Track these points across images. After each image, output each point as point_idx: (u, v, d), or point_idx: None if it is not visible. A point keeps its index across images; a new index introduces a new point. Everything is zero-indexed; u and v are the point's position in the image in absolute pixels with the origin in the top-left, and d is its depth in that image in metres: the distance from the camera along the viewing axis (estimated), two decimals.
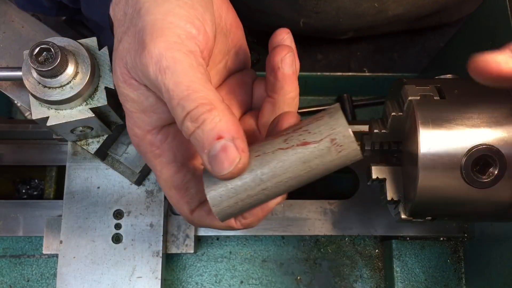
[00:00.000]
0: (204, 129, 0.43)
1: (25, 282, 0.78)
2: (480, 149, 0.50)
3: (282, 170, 0.45)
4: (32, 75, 0.56)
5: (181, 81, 0.43)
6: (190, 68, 0.44)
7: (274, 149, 0.45)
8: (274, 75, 0.50)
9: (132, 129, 0.51)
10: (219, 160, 0.43)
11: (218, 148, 0.42)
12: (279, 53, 0.49)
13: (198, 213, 0.53)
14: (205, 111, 0.43)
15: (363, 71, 0.94)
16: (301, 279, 0.80)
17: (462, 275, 0.78)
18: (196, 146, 0.44)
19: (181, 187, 0.52)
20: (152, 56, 0.44)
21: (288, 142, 0.45)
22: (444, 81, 0.56)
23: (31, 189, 0.90)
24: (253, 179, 0.45)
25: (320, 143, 0.44)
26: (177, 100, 0.43)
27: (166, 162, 0.52)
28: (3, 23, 0.65)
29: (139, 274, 0.68)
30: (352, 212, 0.77)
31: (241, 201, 0.46)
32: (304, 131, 0.45)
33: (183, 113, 0.43)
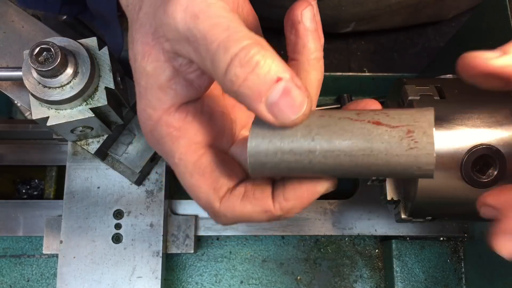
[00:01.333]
0: (259, 72, 0.37)
1: (25, 282, 0.78)
2: (480, 149, 0.49)
3: (340, 138, 0.39)
4: (32, 75, 0.56)
5: (218, 22, 0.38)
6: (224, 10, 0.39)
7: (342, 116, 0.40)
8: (296, 32, 0.44)
9: (145, 111, 0.45)
10: (284, 105, 0.37)
11: (280, 90, 0.37)
12: (298, 7, 0.44)
13: (228, 200, 0.45)
14: (256, 51, 0.37)
15: (363, 71, 0.94)
16: (301, 279, 0.80)
17: (462, 275, 0.78)
18: (246, 97, 0.38)
19: (206, 172, 0.45)
20: (180, 2, 0.39)
21: (360, 115, 0.39)
22: (444, 81, 0.56)
23: (31, 189, 0.90)
24: (304, 134, 0.39)
25: (394, 129, 0.38)
26: (216, 43, 0.37)
27: (186, 144, 0.45)
28: (3, 23, 0.65)
29: (139, 274, 0.68)
30: (352, 212, 0.77)
31: (281, 153, 0.40)
32: (383, 113, 0.39)
33: (227, 57, 0.37)
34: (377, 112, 0.40)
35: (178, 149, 0.45)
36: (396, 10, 0.85)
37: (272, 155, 0.40)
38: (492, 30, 0.63)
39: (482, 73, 0.42)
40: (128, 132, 0.69)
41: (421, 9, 0.88)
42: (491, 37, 0.63)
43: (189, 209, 0.77)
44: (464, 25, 0.72)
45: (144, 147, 0.68)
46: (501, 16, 0.60)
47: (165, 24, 0.40)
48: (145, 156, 0.68)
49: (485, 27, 0.65)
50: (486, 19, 0.65)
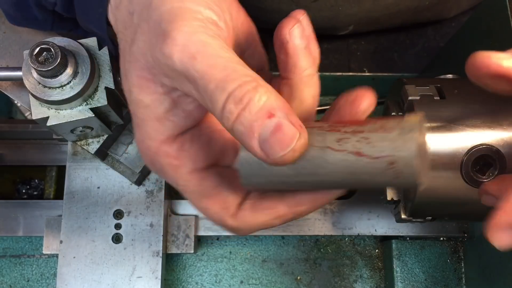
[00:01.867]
0: (251, 109, 0.37)
1: (25, 282, 0.78)
2: (480, 149, 0.49)
3: (325, 171, 0.39)
4: (32, 75, 0.56)
5: (215, 63, 0.38)
6: (222, 50, 0.39)
7: (324, 146, 0.39)
8: (285, 51, 0.44)
9: (144, 142, 0.45)
10: (275, 141, 0.36)
11: (272, 127, 0.36)
12: (285, 26, 0.43)
13: (239, 216, 0.46)
14: (250, 89, 0.37)
15: (363, 71, 0.94)
16: (301, 279, 0.80)
17: (462, 275, 0.78)
18: (241, 135, 0.38)
19: (213, 194, 0.46)
20: (176, 43, 0.39)
21: (342, 144, 0.39)
22: (444, 81, 0.56)
23: (31, 189, 0.90)
24: (290, 167, 0.39)
25: (376, 160, 0.38)
26: (214, 84, 0.38)
27: (187, 172, 0.45)
28: (3, 23, 0.65)
29: (139, 274, 0.68)
30: (352, 212, 0.77)
31: (271, 183, 0.41)
32: (364, 138, 0.38)
33: (223, 95, 0.37)
34: (358, 137, 0.38)
35: (180, 177, 0.46)
36: (394, 13, 0.85)
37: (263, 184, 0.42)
38: (492, 30, 0.63)
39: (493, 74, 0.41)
40: (128, 132, 0.69)
41: (420, 12, 0.87)
42: (491, 37, 0.63)
43: (189, 209, 0.76)
44: (464, 25, 0.72)
45: None
46: (501, 16, 0.60)
47: (163, 64, 0.41)
48: None
49: (485, 27, 0.65)
50: (486, 19, 0.65)
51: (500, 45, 0.62)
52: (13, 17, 0.61)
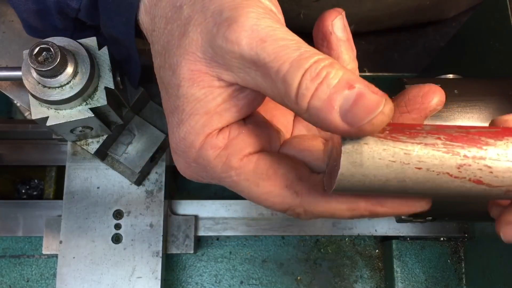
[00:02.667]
0: (330, 82, 0.36)
1: (24, 282, 0.78)
2: None
3: (435, 192, 0.39)
4: (32, 75, 0.56)
5: (288, 44, 0.38)
6: (289, 33, 0.39)
7: (442, 171, 0.37)
8: (328, 44, 0.43)
9: (186, 140, 0.43)
10: (359, 108, 0.35)
11: (354, 96, 0.35)
12: (328, 17, 0.43)
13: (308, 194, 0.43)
14: (326, 65, 0.36)
15: (363, 71, 0.94)
16: (301, 279, 0.80)
17: (463, 275, 0.78)
18: (318, 112, 0.36)
19: (271, 174, 0.43)
20: (244, 28, 0.38)
21: (462, 171, 0.37)
22: (444, 81, 0.56)
23: (30, 189, 0.90)
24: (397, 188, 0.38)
25: (494, 189, 0.38)
26: (289, 62, 0.37)
27: (238, 159, 0.43)
28: (3, 23, 0.65)
29: (139, 274, 0.67)
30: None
31: (370, 185, 0.39)
32: (487, 167, 0.37)
33: (299, 73, 0.36)
34: (481, 164, 0.37)
35: (232, 166, 0.43)
36: (395, 13, 0.85)
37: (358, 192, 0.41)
38: (492, 30, 0.63)
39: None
40: (128, 132, 0.69)
41: (421, 12, 0.87)
42: (491, 37, 0.63)
43: (189, 209, 0.76)
44: (464, 25, 0.72)
45: (144, 147, 0.68)
46: (501, 16, 0.60)
47: (227, 52, 0.39)
48: (145, 156, 0.68)
49: (485, 27, 0.65)
50: (486, 19, 0.64)
51: (500, 45, 0.62)
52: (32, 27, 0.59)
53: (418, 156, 0.37)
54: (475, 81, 0.56)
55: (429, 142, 0.37)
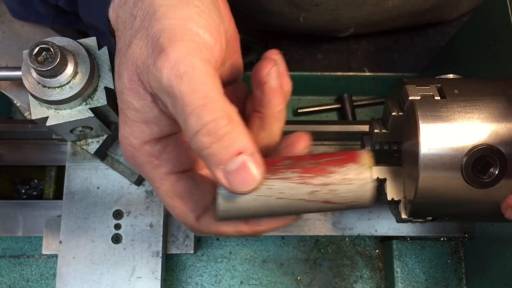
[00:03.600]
0: (222, 144, 0.41)
1: (24, 283, 0.78)
2: (481, 149, 0.49)
3: (294, 212, 0.50)
4: (32, 75, 0.56)
5: (198, 89, 0.41)
6: (208, 77, 0.42)
7: (298, 198, 0.47)
8: (261, 90, 0.49)
9: (128, 139, 0.49)
10: (239, 177, 0.42)
11: (238, 164, 0.42)
12: (264, 67, 0.49)
13: (204, 219, 0.52)
14: (224, 124, 0.41)
15: (363, 71, 0.94)
16: (301, 279, 0.80)
17: (463, 275, 0.78)
18: (208, 161, 0.42)
19: (184, 195, 0.51)
20: (169, 59, 0.42)
21: (313, 196, 0.47)
22: (445, 80, 0.56)
23: (30, 189, 0.90)
24: (266, 211, 0.48)
25: (341, 205, 0.48)
26: (191, 108, 0.41)
27: (166, 172, 0.50)
28: (3, 23, 0.65)
29: (139, 274, 0.67)
30: (352, 212, 0.77)
31: (244, 214, 0.49)
32: (332, 191, 0.47)
33: (197, 124, 0.41)
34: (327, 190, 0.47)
35: (158, 175, 0.50)
36: (395, 16, 0.85)
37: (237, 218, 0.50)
38: (492, 30, 0.63)
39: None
40: None
41: (421, 15, 0.87)
42: (491, 37, 0.63)
43: None
44: (464, 25, 0.72)
45: None
46: (501, 16, 0.60)
47: (151, 74, 0.43)
48: None
49: (486, 27, 0.65)
50: (487, 19, 0.64)
51: (500, 45, 0.62)
52: (16, 11, 0.63)
53: (278, 189, 0.47)
54: (475, 81, 0.56)
55: (286, 177, 0.47)
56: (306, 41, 0.94)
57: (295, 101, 0.95)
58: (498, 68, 0.63)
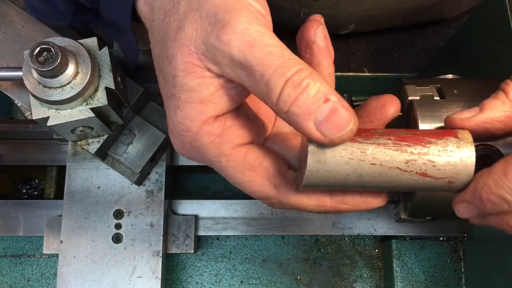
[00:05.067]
0: (309, 92, 0.41)
1: (25, 282, 0.78)
2: (480, 149, 0.49)
3: (388, 185, 0.45)
4: (33, 75, 0.56)
5: (273, 51, 0.42)
6: (276, 39, 0.43)
7: (393, 166, 0.44)
8: (310, 51, 0.49)
9: (183, 124, 0.47)
10: (331, 123, 0.41)
11: (328, 110, 0.41)
12: (311, 27, 0.49)
13: (284, 189, 0.50)
14: (306, 75, 0.41)
15: (363, 71, 0.94)
16: (301, 279, 0.80)
17: (462, 275, 0.78)
18: (297, 117, 0.42)
19: (256, 166, 0.49)
20: (236, 31, 0.42)
21: (409, 166, 0.44)
22: (444, 81, 0.56)
23: (31, 189, 0.90)
24: (356, 182, 0.45)
25: (438, 180, 0.45)
26: (273, 69, 0.41)
27: (230, 147, 0.48)
28: (4, 23, 0.65)
29: (139, 274, 0.68)
30: (352, 212, 0.77)
31: (333, 187, 0.46)
32: (430, 161, 0.44)
33: (282, 80, 0.41)
34: (425, 159, 0.44)
35: (223, 153, 0.48)
36: (395, 12, 0.85)
37: (324, 188, 0.47)
38: (492, 30, 0.63)
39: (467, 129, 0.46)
40: (128, 132, 0.69)
41: (421, 12, 0.87)
42: (491, 37, 0.63)
43: (189, 209, 0.77)
44: (464, 25, 0.72)
45: (144, 147, 0.68)
46: (501, 16, 0.60)
47: (218, 51, 0.43)
48: (145, 156, 0.68)
49: (485, 27, 0.65)
50: (486, 19, 0.65)
51: (500, 45, 0.62)
52: (36, 9, 0.63)
53: (372, 154, 0.44)
54: (474, 81, 0.56)
55: (381, 142, 0.44)
56: None
57: None
58: (498, 68, 0.63)
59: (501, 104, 0.46)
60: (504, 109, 0.46)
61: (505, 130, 0.47)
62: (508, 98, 0.47)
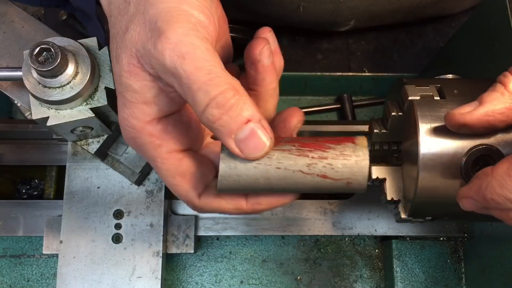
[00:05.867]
0: (231, 114, 0.44)
1: (25, 282, 0.78)
2: (480, 149, 0.49)
3: (294, 188, 0.50)
4: (32, 75, 0.56)
5: (202, 66, 0.43)
6: (209, 54, 0.44)
7: (296, 170, 0.49)
8: (255, 68, 0.52)
9: (128, 121, 0.50)
10: (250, 144, 0.45)
11: (247, 132, 0.44)
12: (257, 46, 0.51)
13: (205, 196, 0.53)
14: (231, 96, 0.43)
15: (363, 71, 0.94)
16: (301, 279, 0.80)
17: (462, 275, 0.78)
18: (219, 132, 0.45)
19: (186, 173, 0.52)
20: (169, 42, 0.44)
21: (311, 169, 0.49)
22: (444, 81, 0.56)
23: (31, 189, 0.90)
24: (265, 184, 0.49)
25: (337, 181, 0.49)
26: (198, 85, 0.43)
27: (167, 151, 0.51)
28: (3, 23, 0.65)
29: (139, 274, 0.68)
30: (352, 212, 0.77)
31: (244, 189, 0.50)
32: (329, 164, 0.49)
33: (206, 98, 0.43)
34: (324, 163, 0.49)
35: (160, 155, 0.51)
36: (396, 8, 0.85)
37: (237, 191, 0.51)
38: (492, 30, 0.63)
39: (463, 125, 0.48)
40: None
41: (422, 9, 0.87)
42: (491, 37, 0.63)
43: (189, 209, 0.76)
44: (464, 25, 0.72)
45: None
46: (501, 16, 0.60)
47: (153, 57, 0.45)
48: None
49: (485, 27, 0.65)
50: (486, 19, 0.65)
51: (500, 45, 0.62)
52: None
53: (277, 159, 0.48)
54: (474, 81, 0.56)
55: (286, 149, 0.49)
56: (306, 41, 0.94)
57: (295, 101, 0.95)
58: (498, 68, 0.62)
59: (501, 96, 0.47)
60: (504, 100, 0.46)
61: (506, 122, 0.47)
62: (507, 90, 0.47)
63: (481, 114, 0.47)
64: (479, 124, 0.47)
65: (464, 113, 0.47)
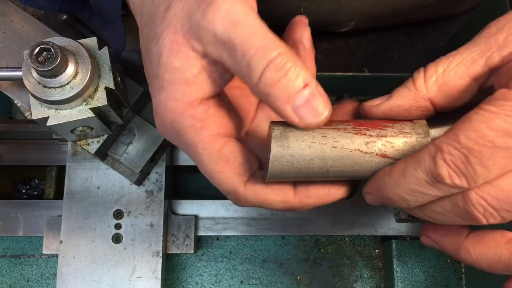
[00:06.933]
0: (290, 77, 0.42)
1: (25, 282, 0.78)
2: None
3: (351, 169, 0.47)
4: (32, 75, 0.56)
5: (256, 31, 0.43)
6: (259, 21, 0.43)
7: (353, 148, 0.46)
8: (296, 50, 0.51)
9: (167, 104, 0.47)
10: (309, 109, 0.43)
11: (306, 96, 0.42)
12: (298, 28, 0.50)
13: (251, 185, 0.50)
14: (288, 59, 0.42)
15: (363, 71, 0.94)
16: (301, 279, 0.80)
17: (462, 275, 0.78)
18: (277, 99, 0.43)
19: (230, 159, 0.49)
20: (220, 10, 0.43)
21: (369, 147, 0.46)
22: None
23: (31, 189, 0.90)
24: (320, 166, 0.46)
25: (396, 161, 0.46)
26: (255, 49, 0.42)
27: (210, 135, 0.48)
28: (3, 23, 0.65)
29: (139, 274, 0.68)
30: (352, 212, 0.77)
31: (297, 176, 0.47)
32: (388, 142, 0.46)
33: (264, 61, 0.42)
34: (383, 141, 0.46)
35: (202, 139, 0.48)
36: (397, 9, 0.85)
37: (289, 176, 0.47)
38: None
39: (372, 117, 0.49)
40: (128, 132, 0.69)
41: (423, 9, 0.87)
42: None
43: (189, 209, 0.77)
44: (464, 25, 0.72)
45: (144, 147, 0.68)
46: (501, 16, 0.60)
47: (203, 28, 0.44)
48: (145, 156, 0.68)
49: None
50: (486, 19, 0.65)
51: None
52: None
53: (333, 137, 0.46)
54: None
55: (341, 127, 0.46)
56: None
57: None
58: None
59: (407, 92, 0.47)
60: (410, 96, 0.47)
61: (409, 118, 0.48)
62: (415, 86, 0.47)
63: (386, 108, 0.48)
64: (384, 118, 0.48)
65: (372, 105, 0.49)
